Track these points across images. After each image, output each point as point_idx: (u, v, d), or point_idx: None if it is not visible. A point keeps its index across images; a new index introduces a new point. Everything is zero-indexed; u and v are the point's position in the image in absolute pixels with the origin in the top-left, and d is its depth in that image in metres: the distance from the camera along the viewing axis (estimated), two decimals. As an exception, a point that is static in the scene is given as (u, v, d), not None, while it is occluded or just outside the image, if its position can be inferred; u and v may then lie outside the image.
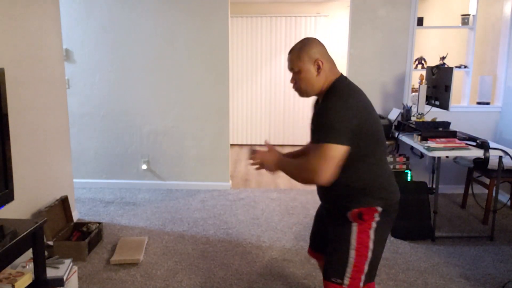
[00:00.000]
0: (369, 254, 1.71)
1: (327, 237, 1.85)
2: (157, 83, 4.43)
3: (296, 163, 1.69)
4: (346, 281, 1.70)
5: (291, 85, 6.74)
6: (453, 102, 3.94)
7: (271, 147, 1.84)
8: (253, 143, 6.98)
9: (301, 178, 1.65)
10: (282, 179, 5.01)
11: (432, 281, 2.71)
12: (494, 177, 3.49)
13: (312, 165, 1.59)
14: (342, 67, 6.15)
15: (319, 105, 1.68)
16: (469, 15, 4.26)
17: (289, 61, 1.73)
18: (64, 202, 3.26)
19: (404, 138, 3.70)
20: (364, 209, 1.69)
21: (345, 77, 1.73)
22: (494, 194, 3.43)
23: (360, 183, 1.69)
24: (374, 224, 1.71)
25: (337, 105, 1.59)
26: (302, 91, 1.74)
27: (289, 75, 6.74)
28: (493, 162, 3.45)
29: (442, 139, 3.38)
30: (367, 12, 4.26)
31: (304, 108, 6.82)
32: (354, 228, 1.71)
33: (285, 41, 6.65)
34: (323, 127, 1.59)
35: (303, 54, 1.68)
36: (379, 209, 1.70)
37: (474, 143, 3.30)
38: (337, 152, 1.57)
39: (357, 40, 4.31)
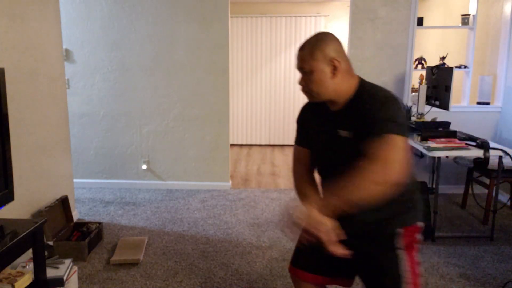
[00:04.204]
0: (421, 281, 1.50)
1: (347, 263, 1.57)
2: (157, 83, 4.43)
3: (348, 178, 1.29)
4: None
5: (291, 84, 6.86)
6: (453, 102, 3.94)
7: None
8: (253, 143, 6.98)
9: (369, 186, 1.26)
10: (282, 179, 5.01)
11: (432, 281, 2.71)
12: (494, 177, 3.49)
13: (383, 160, 1.25)
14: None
15: (349, 108, 1.45)
16: (469, 15, 4.26)
17: (299, 59, 1.45)
18: (64, 202, 3.26)
19: (404, 138, 3.70)
20: (409, 229, 1.46)
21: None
22: (494, 194, 3.43)
23: (404, 196, 1.44)
24: (419, 246, 1.50)
25: (394, 102, 1.38)
26: (313, 94, 1.47)
27: (290, 74, 6.74)
28: (493, 162, 3.44)
29: (442, 139, 3.38)
30: (367, 12, 4.26)
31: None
32: (402, 256, 1.46)
33: (285, 41, 6.65)
34: (384, 120, 1.32)
35: (316, 51, 1.42)
36: (421, 224, 1.49)
37: (474, 143, 3.30)
38: (406, 144, 1.29)
39: (357, 40, 4.31)
